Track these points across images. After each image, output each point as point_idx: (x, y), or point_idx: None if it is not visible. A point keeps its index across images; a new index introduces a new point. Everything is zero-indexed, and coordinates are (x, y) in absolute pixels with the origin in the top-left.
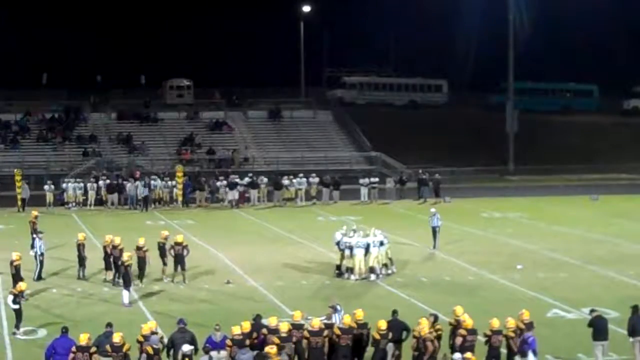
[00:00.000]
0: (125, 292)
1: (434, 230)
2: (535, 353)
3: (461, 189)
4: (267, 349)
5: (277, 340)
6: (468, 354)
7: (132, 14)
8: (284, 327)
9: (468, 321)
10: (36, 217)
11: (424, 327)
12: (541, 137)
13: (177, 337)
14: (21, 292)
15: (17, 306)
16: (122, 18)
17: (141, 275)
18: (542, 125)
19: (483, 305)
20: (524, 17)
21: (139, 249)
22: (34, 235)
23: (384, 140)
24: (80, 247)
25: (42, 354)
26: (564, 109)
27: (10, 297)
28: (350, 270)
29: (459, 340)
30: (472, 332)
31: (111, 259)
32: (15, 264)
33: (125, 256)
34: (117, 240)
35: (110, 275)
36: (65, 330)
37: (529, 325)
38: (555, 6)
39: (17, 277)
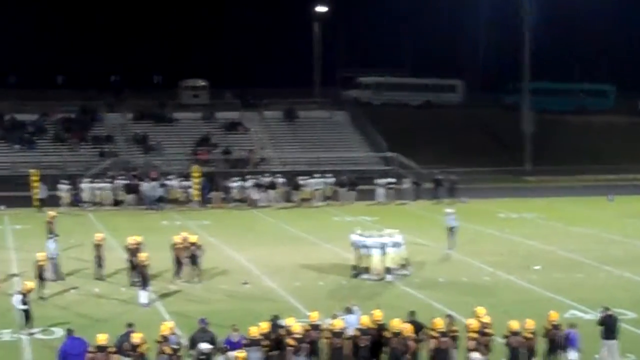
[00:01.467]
0: (142, 292)
1: (451, 231)
2: (577, 349)
3: (477, 190)
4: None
5: (292, 342)
6: (476, 354)
7: (147, 14)
8: (298, 328)
9: (474, 323)
10: (53, 217)
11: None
12: (557, 137)
13: (198, 336)
14: (29, 291)
15: (25, 307)
16: (138, 19)
17: (177, 271)
18: (557, 126)
19: (500, 305)
20: (538, 17)
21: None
22: (49, 236)
23: (399, 140)
24: (98, 247)
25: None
26: (579, 109)
27: (19, 298)
28: (366, 270)
29: (471, 344)
30: (482, 333)
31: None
32: (39, 264)
33: (143, 256)
34: (130, 240)
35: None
36: (70, 332)
37: (557, 327)
38: (570, 5)
39: (40, 277)
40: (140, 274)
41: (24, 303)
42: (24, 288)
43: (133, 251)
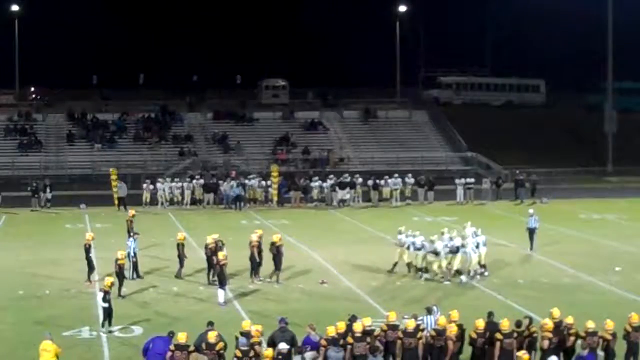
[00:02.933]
0: (220, 291)
1: (531, 232)
2: None
3: (558, 190)
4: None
5: (350, 340)
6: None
7: (228, 14)
8: (359, 327)
9: (548, 324)
10: (133, 216)
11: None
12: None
13: (278, 335)
14: (109, 287)
15: (106, 304)
16: (218, 19)
17: (254, 270)
18: None
19: (580, 307)
20: (621, 15)
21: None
22: (130, 235)
23: (480, 140)
24: (180, 246)
25: (138, 351)
26: None
27: (100, 295)
28: (425, 270)
29: (545, 343)
30: (556, 333)
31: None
32: (119, 262)
33: (221, 255)
34: (209, 239)
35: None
36: (171, 335)
37: (637, 329)
38: None
39: (120, 276)
40: (217, 273)
41: (105, 300)
42: (105, 284)
43: (212, 250)
